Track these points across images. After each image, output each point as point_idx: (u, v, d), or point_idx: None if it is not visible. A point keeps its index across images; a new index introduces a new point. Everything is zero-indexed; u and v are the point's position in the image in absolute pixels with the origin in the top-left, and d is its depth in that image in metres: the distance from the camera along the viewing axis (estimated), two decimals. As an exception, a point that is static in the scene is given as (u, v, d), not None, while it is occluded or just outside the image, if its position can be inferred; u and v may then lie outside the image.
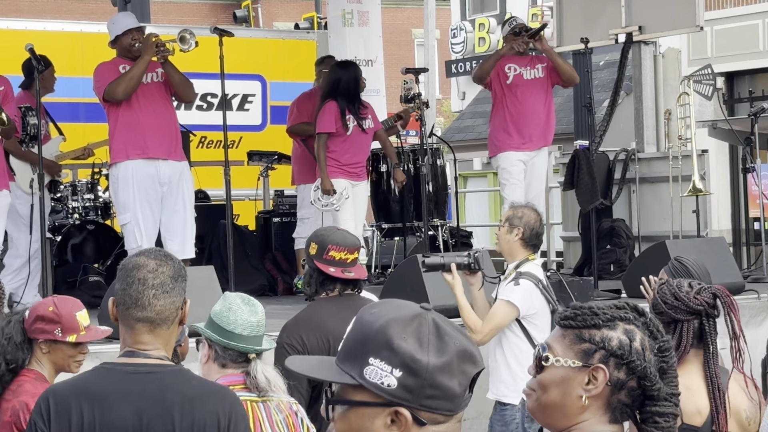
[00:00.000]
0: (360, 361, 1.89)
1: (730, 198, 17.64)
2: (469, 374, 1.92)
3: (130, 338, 3.01)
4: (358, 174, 8.83)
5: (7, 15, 14.83)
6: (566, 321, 2.25)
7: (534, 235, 5.64)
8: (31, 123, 8.11)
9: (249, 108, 12.75)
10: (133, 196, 7.83)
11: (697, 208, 9.70)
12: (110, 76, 7.84)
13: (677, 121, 10.37)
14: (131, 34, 8.00)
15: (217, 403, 2.99)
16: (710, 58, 15.93)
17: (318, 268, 4.60)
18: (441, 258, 5.64)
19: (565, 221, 11.74)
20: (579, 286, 7.77)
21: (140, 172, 7.82)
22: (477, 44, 26.30)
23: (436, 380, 1.88)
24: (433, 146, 10.07)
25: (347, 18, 11.77)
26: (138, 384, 2.95)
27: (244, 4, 24.42)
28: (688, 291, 3.71)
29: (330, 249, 4.60)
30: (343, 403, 1.92)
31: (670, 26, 10.63)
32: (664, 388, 2.24)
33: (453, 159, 11.18)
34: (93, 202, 9.97)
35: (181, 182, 7.99)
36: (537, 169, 9.20)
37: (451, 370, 1.89)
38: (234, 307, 3.78)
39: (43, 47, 7.83)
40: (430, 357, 1.88)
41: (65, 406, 2.93)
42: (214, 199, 10.90)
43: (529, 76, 9.11)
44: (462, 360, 1.91)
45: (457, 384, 1.90)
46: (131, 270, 3.01)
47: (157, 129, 7.87)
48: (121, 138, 7.86)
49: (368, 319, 1.93)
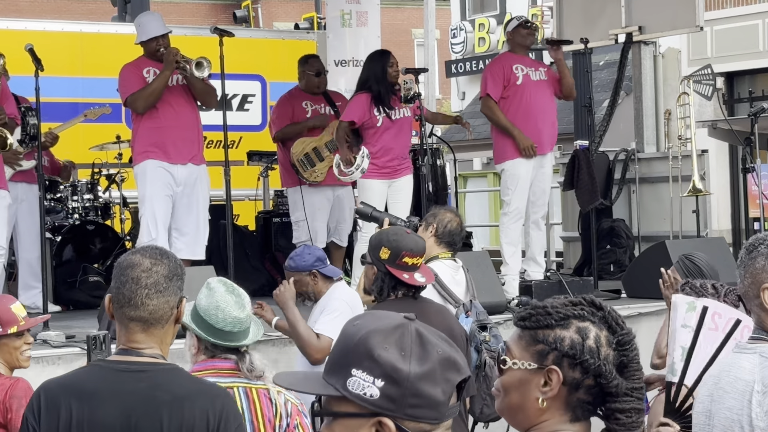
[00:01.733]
0: (343, 372, 1.90)
1: (730, 198, 17.64)
2: (453, 382, 1.92)
3: (124, 336, 3.01)
4: (395, 169, 8.61)
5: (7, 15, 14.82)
6: (522, 322, 2.25)
7: (447, 233, 5.68)
8: (30, 123, 8.11)
9: (249, 108, 12.75)
10: (151, 190, 7.94)
11: (697, 208, 9.71)
12: (134, 82, 7.99)
13: (677, 121, 10.38)
14: (157, 40, 8.10)
15: (208, 402, 2.97)
16: (710, 58, 15.95)
17: (391, 273, 4.65)
18: (378, 212, 5.73)
19: (565, 221, 11.74)
20: (579, 286, 7.78)
21: (159, 168, 7.95)
22: (477, 44, 26.30)
23: (418, 389, 1.88)
24: (433, 146, 10.06)
25: (346, 18, 11.77)
26: (128, 382, 2.94)
27: (244, 4, 24.42)
28: (714, 293, 3.68)
29: (404, 255, 4.66)
30: (328, 415, 1.94)
31: (670, 26, 10.63)
32: (623, 383, 2.21)
33: (453, 159, 11.18)
34: (93, 202, 9.97)
35: (197, 185, 8.09)
36: (545, 172, 8.97)
37: (434, 378, 1.89)
38: (222, 304, 3.79)
39: (43, 47, 7.82)
40: (411, 366, 1.88)
41: (55, 403, 2.93)
42: (214, 199, 10.85)
43: (535, 77, 8.85)
44: (445, 368, 1.91)
45: (441, 392, 1.90)
46: (125, 269, 3.00)
47: (178, 134, 8.00)
48: (143, 141, 8.00)
49: (351, 331, 1.94)
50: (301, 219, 9.22)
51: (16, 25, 11.54)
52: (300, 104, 9.20)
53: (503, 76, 8.82)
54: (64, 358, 6.04)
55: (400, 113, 8.64)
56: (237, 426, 3.01)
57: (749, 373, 2.85)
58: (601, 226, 10.16)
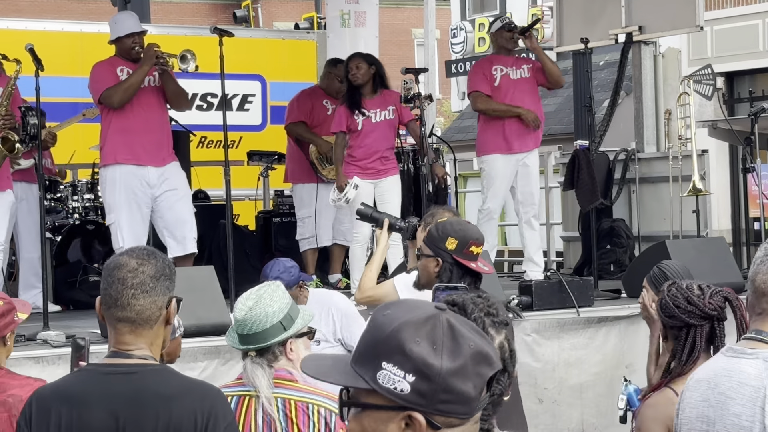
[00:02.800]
0: (373, 364, 1.87)
1: (730, 198, 17.64)
2: (484, 376, 1.89)
3: (113, 338, 3.01)
4: (379, 170, 8.70)
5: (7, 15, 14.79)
6: None
7: None
8: (30, 123, 8.10)
9: (249, 108, 12.75)
10: (118, 198, 7.88)
11: (697, 208, 9.70)
12: (107, 79, 7.86)
13: (677, 121, 10.37)
14: (133, 37, 8.01)
15: (196, 401, 2.95)
16: (710, 58, 15.94)
17: (459, 263, 4.69)
18: (378, 213, 5.76)
19: (565, 221, 11.74)
20: (579, 286, 7.77)
21: (128, 174, 7.87)
22: (477, 44, 26.28)
23: (449, 385, 1.85)
24: (433, 146, 10.07)
25: (345, 18, 11.77)
26: (117, 385, 2.94)
27: (244, 4, 24.42)
28: (700, 295, 3.68)
29: (471, 244, 4.71)
30: (357, 406, 1.90)
31: (670, 26, 10.62)
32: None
33: (453, 159, 11.19)
34: (93, 202, 9.96)
35: (172, 181, 8.00)
36: (530, 170, 9.11)
37: (465, 373, 1.86)
38: (236, 304, 3.82)
39: (43, 47, 7.81)
40: (443, 361, 1.85)
41: (45, 410, 2.94)
42: (214, 199, 10.89)
43: (515, 76, 9.05)
44: (477, 362, 1.87)
45: (472, 387, 1.87)
46: (112, 269, 3.00)
47: (149, 136, 7.91)
48: (112, 141, 7.90)
49: (381, 321, 1.90)
50: (307, 216, 9.29)
51: (16, 25, 11.54)
52: (321, 102, 9.46)
53: (485, 74, 9.04)
54: (64, 358, 6.02)
55: (381, 116, 8.75)
56: (226, 425, 2.98)
57: (756, 379, 2.82)
58: (601, 226, 10.16)
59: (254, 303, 3.77)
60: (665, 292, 3.76)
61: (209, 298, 6.61)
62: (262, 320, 3.75)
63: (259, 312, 3.75)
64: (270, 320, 3.75)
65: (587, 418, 7.04)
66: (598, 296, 8.21)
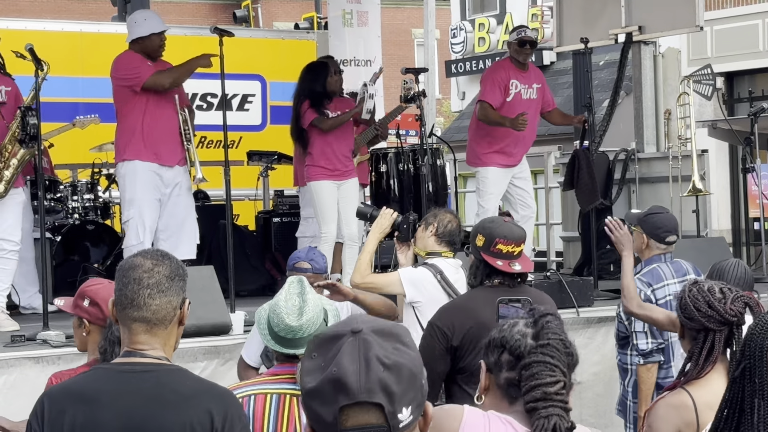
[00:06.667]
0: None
1: (730, 198, 17.64)
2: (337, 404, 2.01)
3: (128, 338, 3.01)
4: (342, 171, 8.71)
5: (7, 15, 14.80)
6: None
7: (447, 233, 5.70)
8: (30, 123, 8.10)
9: (249, 108, 12.75)
10: (140, 193, 7.93)
11: (697, 208, 9.70)
12: (144, 67, 7.88)
13: (677, 121, 10.37)
14: (160, 36, 8.08)
15: (212, 402, 2.95)
16: (710, 58, 15.93)
17: (485, 260, 4.66)
18: (378, 211, 5.81)
19: (565, 221, 11.74)
20: (579, 286, 7.78)
21: (148, 171, 7.93)
22: (477, 44, 26.28)
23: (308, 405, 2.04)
24: (432, 146, 10.06)
25: (347, 18, 11.77)
26: (132, 384, 2.93)
27: (244, 4, 24.45)
28: (721, 298, 3.63)
29: (498, 242, 4.65)
30: None
31: (670, 26, 10.62)
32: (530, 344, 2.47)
33: (453, 159, 11.18)
34: (93, 202, 9.98)
35: (182, 186, 8.11)
36: (523, 175, 9.33)
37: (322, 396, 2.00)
38: (277, 308, 3.77)
39: (43, 47, 7.82)
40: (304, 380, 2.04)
41: (58, 409, 2.92)
42: (214, 199, 10.90)
43: (526, 96, 9.20)
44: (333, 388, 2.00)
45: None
46: (127, 270, 3.01)
47: (169, 136, 8.00)
48: (133, 138, 7.94)
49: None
50: (312, 216, 9.29)
51: (16, 25, 11.54)
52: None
53: (502, 85, 9.09)
54: (64, 358, 6.03)
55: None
56: (242, 427, 2.98)
57: None
58: (601, 226, 10.14)
59: (301, 307, 3.75)
60: (686, 292, 3.71)
61: (209, 298, 6.62)
62: (314, 322, 3.76)
63: (312, 316, 3.75)
64: (320, 320, 3.77)
65: (586, 418, 7.04)
66: (598, 296, 8.22)
